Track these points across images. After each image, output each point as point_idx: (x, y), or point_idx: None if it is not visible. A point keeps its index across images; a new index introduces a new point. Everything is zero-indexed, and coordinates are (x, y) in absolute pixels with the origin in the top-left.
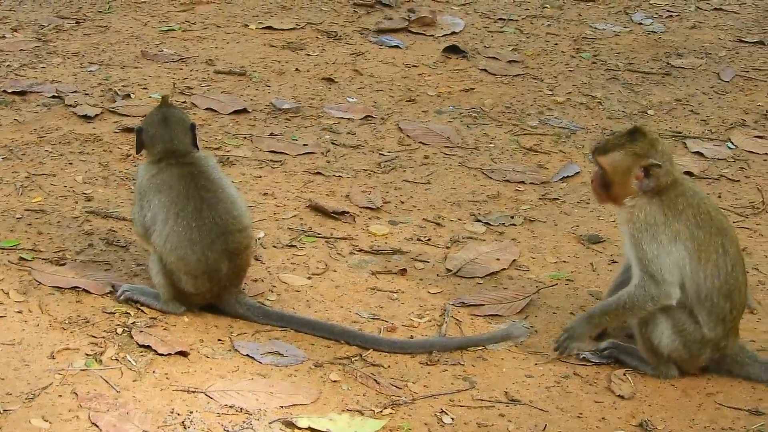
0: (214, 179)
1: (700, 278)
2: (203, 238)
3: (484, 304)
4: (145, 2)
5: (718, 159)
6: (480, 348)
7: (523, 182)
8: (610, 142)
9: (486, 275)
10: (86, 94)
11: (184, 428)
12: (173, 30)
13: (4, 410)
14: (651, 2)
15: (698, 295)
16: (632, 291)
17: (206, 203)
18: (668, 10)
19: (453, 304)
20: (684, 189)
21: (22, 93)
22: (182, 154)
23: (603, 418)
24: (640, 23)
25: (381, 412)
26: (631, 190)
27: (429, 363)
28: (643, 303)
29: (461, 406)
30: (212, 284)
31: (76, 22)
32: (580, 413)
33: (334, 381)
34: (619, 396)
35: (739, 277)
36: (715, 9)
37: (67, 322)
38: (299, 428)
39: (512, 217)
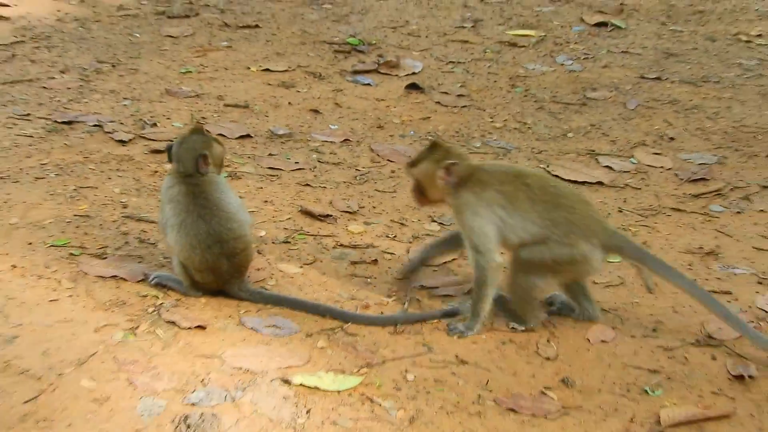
0: (212, 198)
1: (521, 216)
2: (201, 244)
3: (438, 287)
4: (167, 50)
5: (624, 171)
6: (435, 321)
7: None
8: (417, 157)
9: (439, 264)
10: (121, 123)
11: (204, 385)
12: (190, 72)
13: (60, 373)
14: (571, 47)
15: (520, 231)
16: (476, 275)
17: (202, 218)
18: (585, 53)
19: (414, 287)
20: (484, 169)
21: (69, 122)
22: (189, 175)
23: (533, 375)
24: (563, 64)
25: (358, 371)
26: (442, 189)
27: (395, 333)
28: (485, 277)
29: (421, 367)
30: (216, 277)
31: (113, 66)
32: (515, 372)
33: (321, 347)
34: (545, 358)
35: (551, 198)
36: (623, 52)
37: (108, 303)
38: (293, 384)
39: None
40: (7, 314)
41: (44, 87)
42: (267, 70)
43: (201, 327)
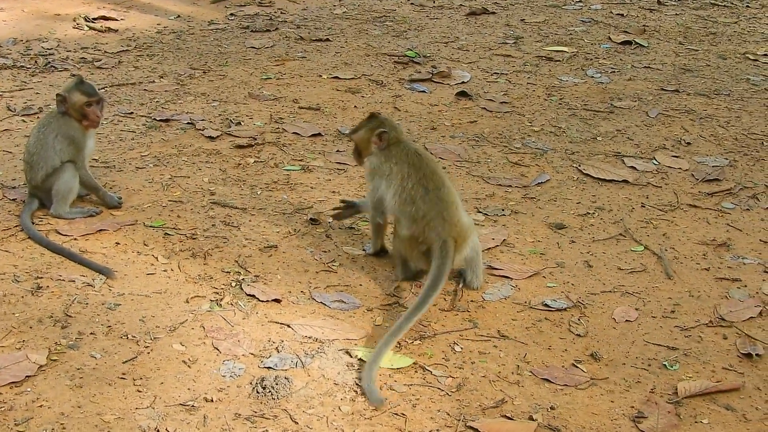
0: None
1: (402, 194)
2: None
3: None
4: (251, 59)
5: (647, 171)
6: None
7: (510, 186)
8: (357, 126)
9: (485, 249)
10: (210, 122)
11: (278, 351)
12: (270, 78)
13: (155, 337)
14: (600, 62)
15: (401, 206)
16: (370, 219)
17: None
18: (612, 68)
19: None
20: (403, 145)
21: (166, 120)
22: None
23: (565, 350)
24: (592, 76)
25: (412, 343)
26: (372, 151)
27: (445, 309)
28: (373, 225)
29: (467, 340)
30: None
31: (204, 72)
32: (550, 346)
33: (380, 322)
34: (576, 334)
35: (429, 190)
36: (645, 67)
37: (197, 278)
38: (353, 356)
39: (503, 210)
40: (112, 285)
41: (145, 89)
42: (336, 77)
43: (277, 300)
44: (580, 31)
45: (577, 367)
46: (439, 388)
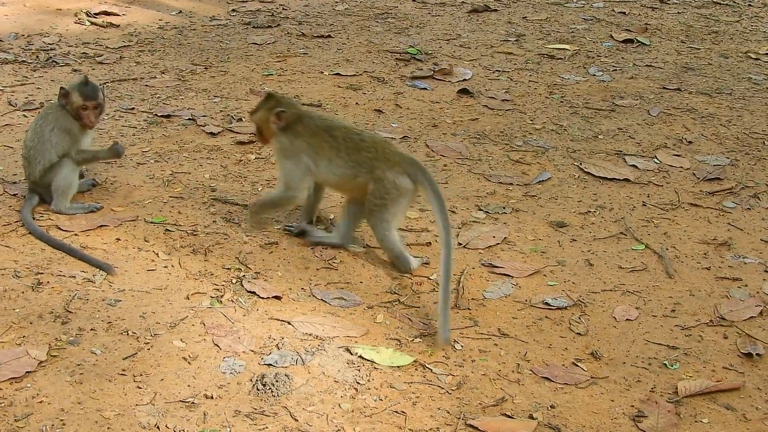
0: None
1: (325, 164)
2: None
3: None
4: (252, 55)
5: (648, 170)
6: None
7: (511, 184)
8: (255, 107)
9: (485, 247)
10: (211, 118)
11: (278, 348)
12: (272, 74)
13: (155, 334)
14: (602, 60)
15: (329, 174)
16: (277, 194)
17: None
18: (613, 66)
19: (482, 264)
20: (302, 121)
21: (167, 116)
22: None
23: (566, 348)
24: (594, 75)
25: (413, 340)
26: (274, 131)
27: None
28: (284, 203)
29: (468, 338)
30: None
31: (205, 68)
32: (550, 344)
33: (380, 319)
34: (577, 333)
35: (354, 144)
36: (647, 65)
37: (197, 274)
38: (354, 354)
39: (504, 208)
40: (112, 281)
41: (147, 85)
42: (337, 74)
43: (277, 297)
44: (582, 29)
45: (577, 365)
46: (439, 386)
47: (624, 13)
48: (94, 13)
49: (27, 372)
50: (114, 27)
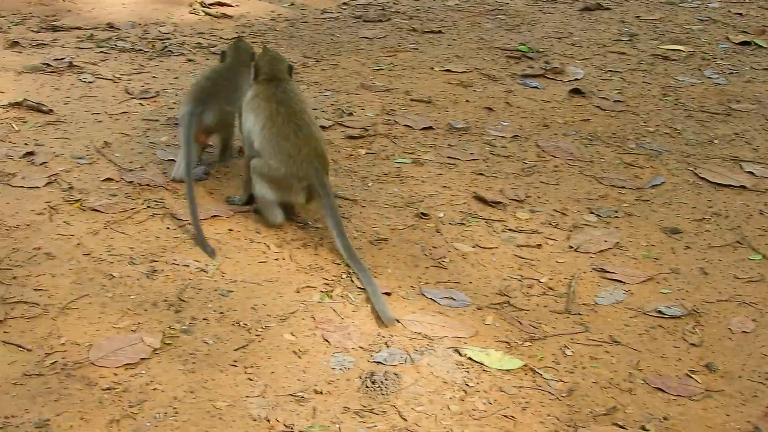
0: None
1: (267, 132)
2: None
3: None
4: (363, 49)
5: (765, 177)
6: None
7: (624, 187)
8: (256, 53)
9: (597, 252)
10: (323, 111)
11: (387, 346)
12: (382, 69)
13: (266, 326)
14: (717, 62)
15: (269, 144)
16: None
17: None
18: (730, 69)
19: (593, 269)
20: (278, 83)
21: None
22: None
23: (679, 359)
24: (710, 77)
25: (522, 344)
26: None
27: (556, 312)
28: (247, 161)
29: (578, 344)
30: None
31: (316, 61)
32: (663, 354)
33: (490, 321)
34: (691, 344)
35: (301, 127)
36: (764, 69)
37: (308, 267)
38: (463, 356)
39: (616, 212)
40: (224, 271)
41: None
42: (448, 70)
43: (387, 294)
44: (697, 30)
45: (691, 377)
46: (549, 392)
47: (740, 14)
48: (209, 4)
49: (141, 359)
50: (227, 18)
